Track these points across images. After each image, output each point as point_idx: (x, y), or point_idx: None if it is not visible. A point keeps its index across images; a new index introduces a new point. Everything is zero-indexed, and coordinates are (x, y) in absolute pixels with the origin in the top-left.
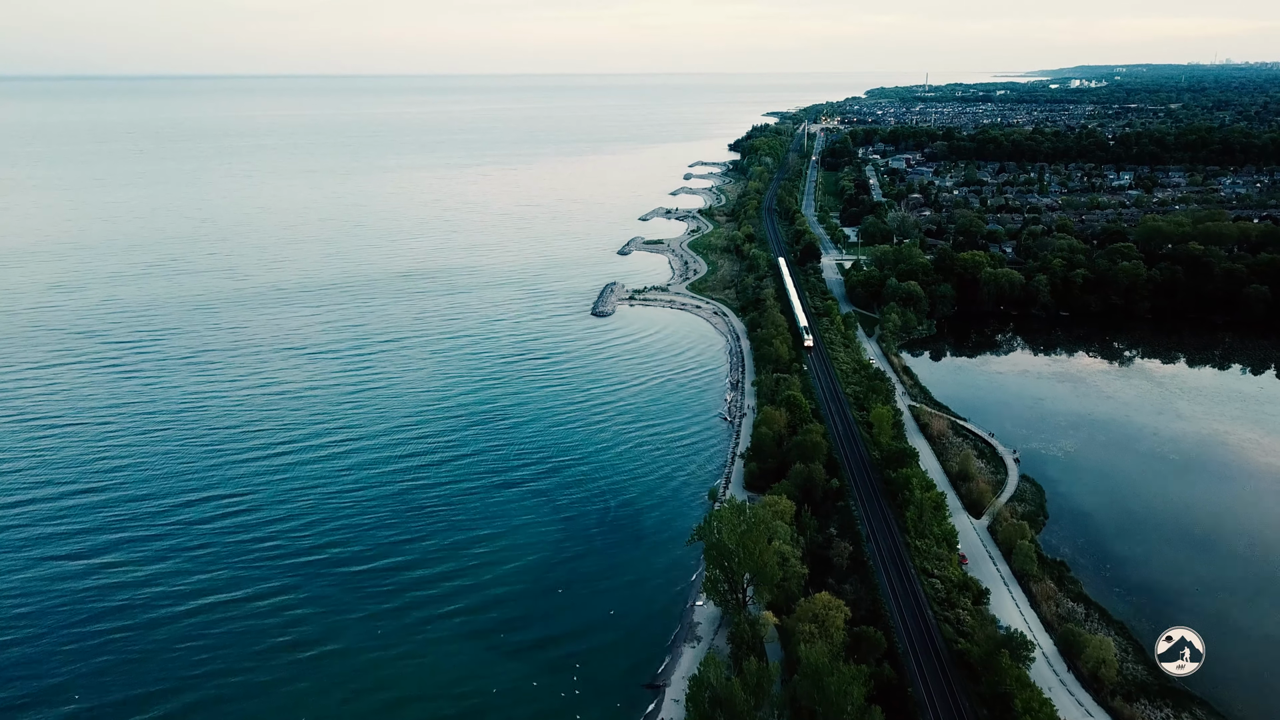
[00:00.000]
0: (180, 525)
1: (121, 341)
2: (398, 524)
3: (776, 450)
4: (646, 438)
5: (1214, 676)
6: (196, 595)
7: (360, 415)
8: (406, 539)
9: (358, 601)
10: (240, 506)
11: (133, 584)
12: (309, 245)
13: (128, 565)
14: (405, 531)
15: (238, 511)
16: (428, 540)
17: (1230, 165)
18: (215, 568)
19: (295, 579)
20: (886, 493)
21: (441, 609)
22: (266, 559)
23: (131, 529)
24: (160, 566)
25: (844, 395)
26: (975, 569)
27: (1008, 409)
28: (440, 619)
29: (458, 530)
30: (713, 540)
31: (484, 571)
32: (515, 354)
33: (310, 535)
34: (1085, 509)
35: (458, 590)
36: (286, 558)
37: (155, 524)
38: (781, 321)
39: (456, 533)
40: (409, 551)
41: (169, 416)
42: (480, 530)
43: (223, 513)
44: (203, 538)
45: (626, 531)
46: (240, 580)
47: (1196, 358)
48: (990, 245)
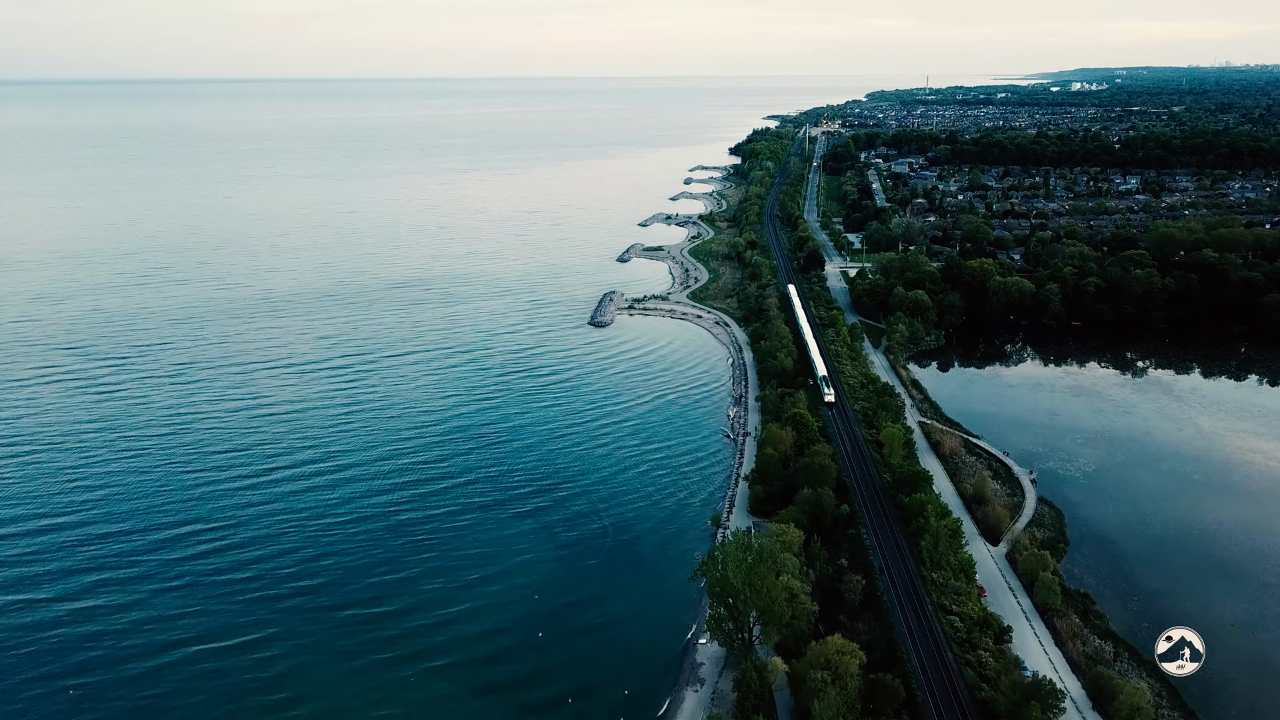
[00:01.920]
0: (156, 562)
1: (103, 357)
2: (387, 558)
3: (782, 472)
4: (646, 458)
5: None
6: (169, 640)
7: (349, 438)
8: (396, 575)
9: (342, 644)
10: (220, 540)
11: (103, 627)
12: (302, 253)
13: (98, 607)
14: (395, 566)
15: (217, 546)
16: (418, 575)
17: (1238, 169)
18: (190, 609)
19: (277, 621)
20: (899, 519)
21: (432, 647)
22: (246, 598)
23: (103, 566)
24: (134, 611)
25: (852, 412)
26: (994, 602)
27: (1022, 425)
28: (430, 654)
29: (449, 562)
30: (716, 576)
31: (477, 607)
32: (511, 369)
33: (293, 571)
34: (1107, 534)
35: (449, 628)
36: (268, 598)
37: (129, 559)
38: (785, 333)
39: (448, 565)
40: (398, 589)
41: (149, 440)
42: (473, 562)
43: (201, 547)
44: (179, 575)
45: (625, 560)
46: (216, 623)
47: (1214, 369)
48: (997, 252)
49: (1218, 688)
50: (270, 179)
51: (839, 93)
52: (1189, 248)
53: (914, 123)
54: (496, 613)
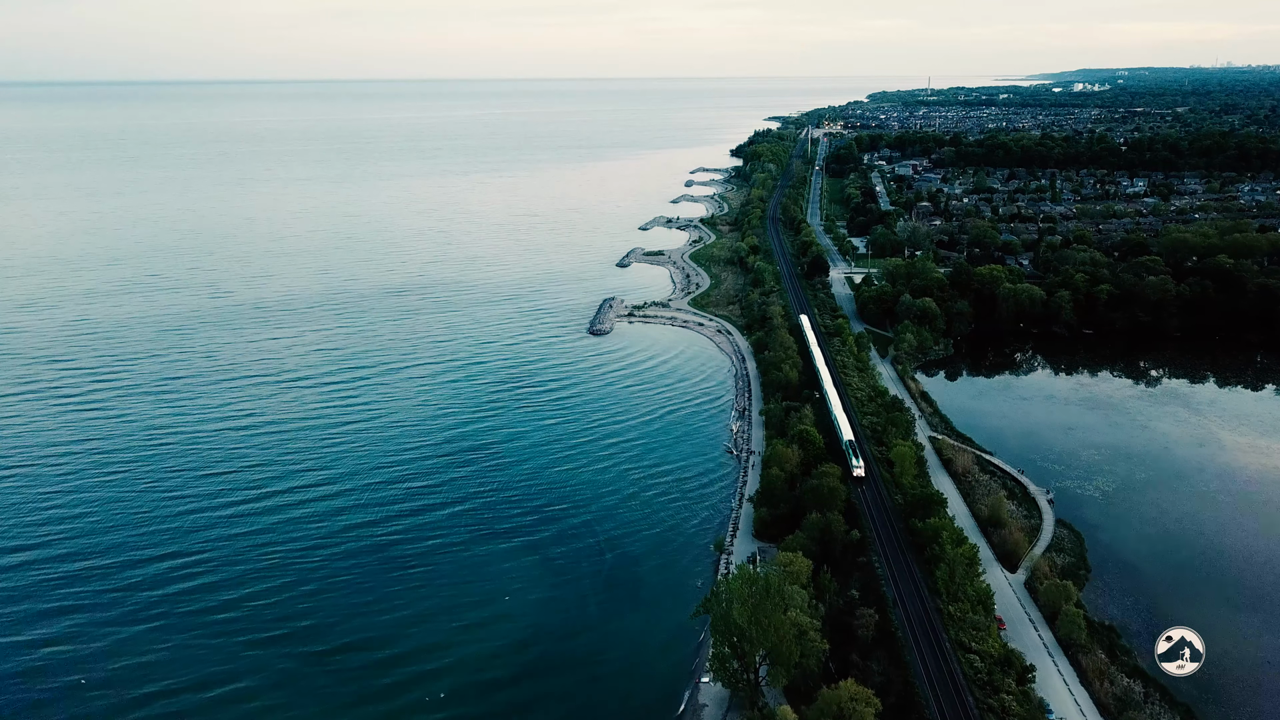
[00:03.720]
0: (128, 600)
1: (87, 370)
2: (374, 591)
3: (788, 493)
4: (645, 476)
5: None
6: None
7: (338, 459)
8: (384, 609)
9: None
10: (199, 574)
11: (70, 664)
12: (296, 259)
13: (65, 641)
14: (382, 600)
15: (196, 581)
16: (407, 609)
17: (1247, 171)
18: (164, 646)
19: (256, 664)
20: (912, 545)
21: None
22: (224, 639)
23: (74, 596)
24: (102, 660)
25: (860, 428)
26: (1014, 635)
27: (1036, 440)
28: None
29: (440, 595)
30: (720, 611)
31: (467, 643)
32: (507, 382)
33: (274, 605)
34: (1131, 561)
35: (437, 667)
36: (247, 640)
37: (100, 597)
38: (790, 343)
39: (438, 597)
40: (385, 626)
41: (128, 458)
42: (464, 594)
43: (180, 585)
44: (153, 615)
45: (624, 588)
46: (191, 670)
47: (1230, 379)
48: (1006, 258)
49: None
50: (267, 182)
51: (840, 94)
52: (1203, 253)
53: (916, 124)
54: (488, 649)
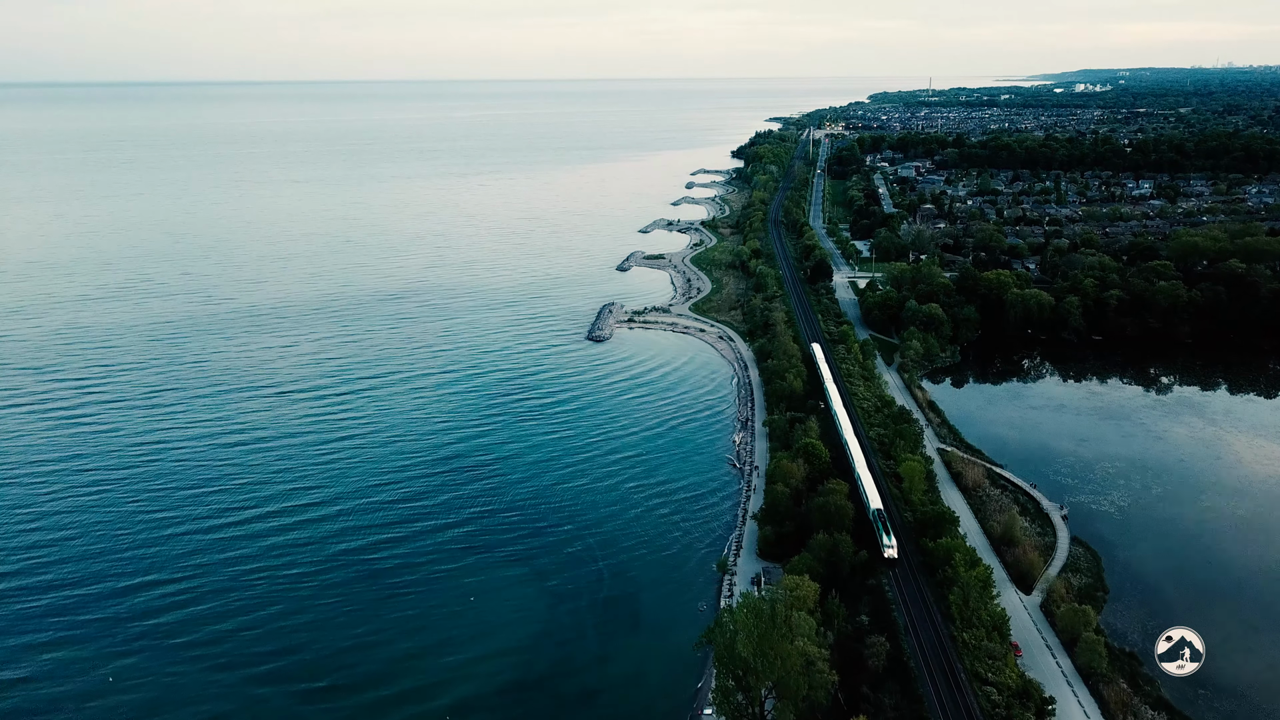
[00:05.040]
0: (110, 624)
1: (73, 379)
2: (367, 619)
3: (794, 510)
4: (645, 490)
5: None
6: None
7: (328, 476)
8: (377, 640)
9: None
10: (183, 597)
11: (48, 704)
12: (290, 264)
13: (41, 680)
14: (376, 631)
15: (179, 604)
16: (402, 642)
17: (1254, 173)
18: (147, 682)
19: (244, 698)
20: (923, 565)
21: None
22: (211, 669)
23: (52, 627)
24: (81, 683)
25: (867, 440)
26: (1031, 662)
27: (1047, 452)
28: None
29: (436, 625)
30: (725, 641)
31: (460, 671)
32: (504, 392)
33: (263, 636)
34: (1149, 581)
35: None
36: (234, 666)
37: (79, 623)
38: (794, 350)
39: (434, 629)
40: (375, 653)
41: (113, 477)
42: (457, 619)
43: (163, 619)
44: (136, 642)
45: (623, 612)
46: (177, 702)
47: (1243, 387)
48: (1012, 262)
49: None
50: (263, 184)
51: (841, 94)
52: (1213, 258)
53: (918, 125)
54: (481, 677)
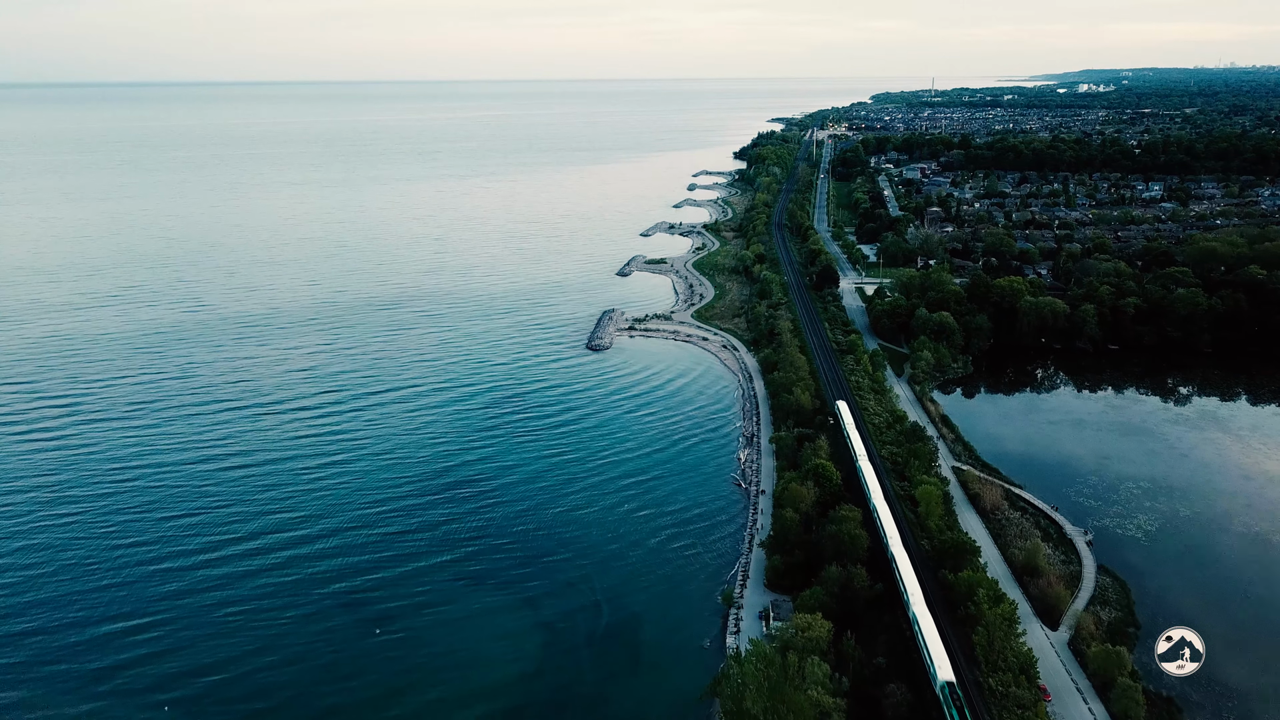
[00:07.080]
0: (75, 662)
1: (52, 395)
2: (350, 658)
3: (804, 537)
4: (646, 515)
5: None
6: None
7: (313, 498)
8: (360, 683)
9: None
10: (155, 632)
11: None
12: (284, 269)
13: None
14: (359, 673)
15: (152, 638)
16: (387, 683)
17: (1265, 175)
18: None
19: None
20: (942, 599)
21: None
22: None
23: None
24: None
25: (880, 460)
26: (1061, 709)
27: (1068, 471)
28: None
29: (421, 664)
30: (732, 693)
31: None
32: (500, 407)
33: (239, 679)
34: (1183, 614)
35: None
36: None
37: (43, 659)
38: (801, 362)
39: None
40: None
41: (87, 497)
42: (447, 662)
43: (134, 642)
44: (102, 684)
45: (622, 648)
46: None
47: (1269, 399)
48: (1024, 267)
49: None
50: (260, 186)
51: (843, 95)
52: (1232, 264)
53: (922, 125)
54: None
